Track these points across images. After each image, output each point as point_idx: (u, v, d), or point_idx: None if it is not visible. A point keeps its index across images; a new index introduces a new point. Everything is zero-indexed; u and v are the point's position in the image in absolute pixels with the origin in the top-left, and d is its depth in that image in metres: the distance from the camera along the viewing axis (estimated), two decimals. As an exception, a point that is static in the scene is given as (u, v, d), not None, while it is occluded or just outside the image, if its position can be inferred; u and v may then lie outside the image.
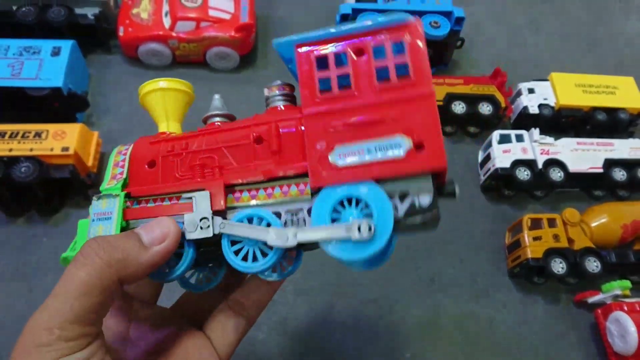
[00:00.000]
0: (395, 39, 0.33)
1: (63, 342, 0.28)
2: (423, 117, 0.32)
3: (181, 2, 0.89)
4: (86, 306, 0.29)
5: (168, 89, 0.40)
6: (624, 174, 0.83)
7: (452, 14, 0.89)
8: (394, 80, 0.32)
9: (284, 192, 0.34)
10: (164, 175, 0.37)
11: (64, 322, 0.28)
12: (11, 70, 0.78)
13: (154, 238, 0.32)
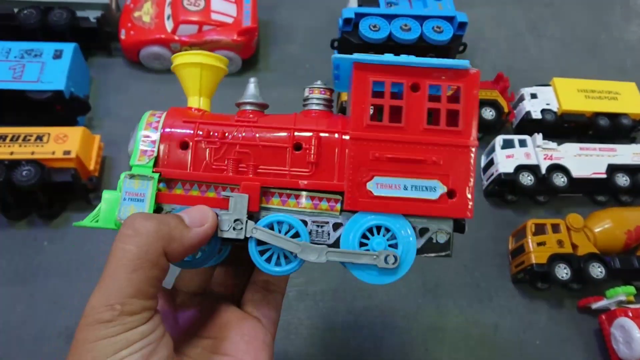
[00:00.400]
0: (453, 83, 0.34)
1: (127, 316, 0.29)
2: (460, 168, 0.34)
3: (183, 6, 0.89)
4: (143, 279, 0.29)
5: (206, 64, 0.39)
6: (627, 180, 0.82)
7: (454, 18, 0.88)
8: (443, 124, 0.34)
9: (315, 204, 0.35)
10: (196, 160, 0.36)
11: (125, 297, 0.29)
12: (12, 73, 0.78)
13: (195, 221, 0.33)
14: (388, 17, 0.88)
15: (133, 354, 0.29)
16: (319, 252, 0.34)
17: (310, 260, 0.34)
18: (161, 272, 0.31)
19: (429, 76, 0.34)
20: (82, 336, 0.29)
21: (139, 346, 0.29)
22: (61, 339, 0.67)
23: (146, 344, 0.29)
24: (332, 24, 1.00)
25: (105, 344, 0.28)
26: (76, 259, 0.73)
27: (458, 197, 0.34)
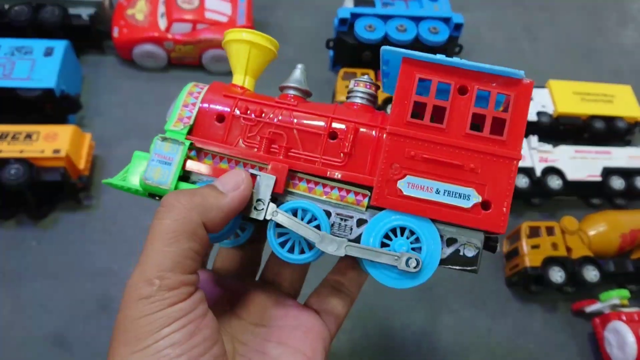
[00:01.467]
0: (504, 91, 0.33)
1: (165, 291, 0.28)
2: (500, 179, 0.33)
3: (177, 4, 0.88)
4: (180, 252, 0.29)
5: (257, 44, 0.38)
6: (622, 183, 0.82)
7: (450, 20, 0.88)
8: (486, 132, 0.33)
9: (341, 196, 0.34)
10: (230, 135, 0.36)
11: (162, 271, 0.29)
12: (2, 70, 0.76)
13: (229, 186, 0.33)
14: (384, 18, 0.87)
15: (176, 331, 0.28)
16: (339, 244, 0.33)
17: (329, 252, 0.33)
18: (200, 245, 0.31)
19: (479, 80, 0.33)
20: (124, 314, 0.29)
21: (181, 323, 0.28)
22: (47, 342, 0.66)
23: (188, 321, 0.29)
24: (327, 24, 0.99)
25: (147, 321, 0.28)
26: (65, 260, 0.72)
27: (493, 209, 0.33)
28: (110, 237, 0.74)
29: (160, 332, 0.28)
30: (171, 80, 0.91)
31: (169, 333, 0.28)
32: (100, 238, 0.74)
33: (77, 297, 0.69)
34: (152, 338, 0.28)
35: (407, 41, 0.86)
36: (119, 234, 0.75)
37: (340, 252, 0.33)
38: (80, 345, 0.66)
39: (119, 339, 0.28)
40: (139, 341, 0.28)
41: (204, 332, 0.29)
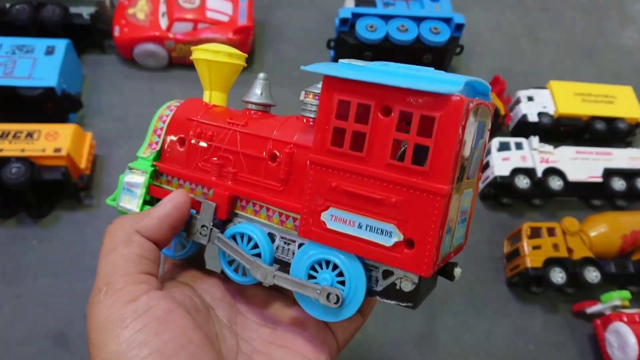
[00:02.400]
0: (427, 112, 0.27)
1: (113, 293, 0.30)
2: (423, 216, 0.28)
3: (178, 3, 0.88)
4: (118, 257, 0.32)
5: (213, 61, 0.38)
6: (623, 184, 0.82)
7: (452, 20, 0.88)
8: (408, 161, 0.28)
9: (282, 221, 0.34)
10: (189, 159, 0.37)
11: (107, 277, 0.31)
12: (3, 69, 0.76)
13: (165, 200, 0.35)
14: (385, 18, 0.87)
15: (138, 331, 0.28)
16: (268, 273, 0.33)
17: (258, 279, 0.34)
18: (139, 248, 0.32)
19: (403, 100, 0.28)
20: (87, 328, 0.30)
21: (141, 322, 0.29)
22: (48, 340, 0.66)
23: (148, 319, 0.29)
24: (327, 24, 0.99)
25: (105, 326, 0.29)
26: (65, 259, 0.72)
27: (416, 249, 0.29)
28: (110, 236, 0.74)
29: (121, 334, 0.28)
30: (172, 80, 0.91)
31: (131, 335, 0.28)
32: (100, 237, 0.74)
33: (77, 296, 0.69)
34: (116, 341, 0.28)
35: (408, 41, 0.86)
36: (119, 233, 0.75)
37: (268, 281, 0.33)
38: (80, 343, 0.66)
39: (90, 344, 0.29)
40: (105, 346, 0.28)
41: (171, 329, 0.29)
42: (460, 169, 0.29)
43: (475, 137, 0.31)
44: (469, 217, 0.34)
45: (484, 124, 0.32)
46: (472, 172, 0.32)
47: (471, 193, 0.33)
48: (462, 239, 0.34)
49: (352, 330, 0.39)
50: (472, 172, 0.32)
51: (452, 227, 0.31)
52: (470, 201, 0.34)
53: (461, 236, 0.34)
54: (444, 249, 0.30)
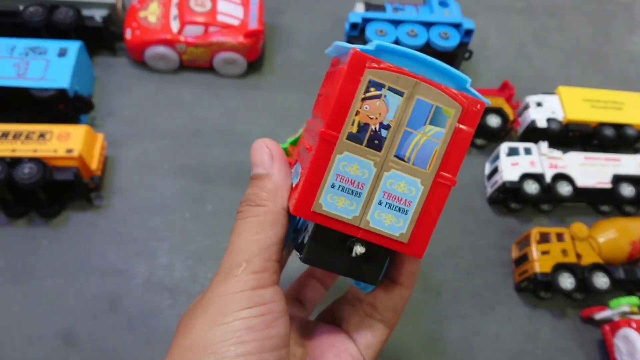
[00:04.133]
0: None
1: (249, 273, 0.31)
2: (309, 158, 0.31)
3: (190, 7, 0.88)
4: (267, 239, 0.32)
5: None
6: (632, 190, 0.82)
7: (461, 25, 0.88)
8: None
9: None
10: None
11: (251, 255, 0.31)
12: (17, 70, 0.77)
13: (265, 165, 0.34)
14: (394, 23, 0.88)
15: (253, 317, 0.29)
16: None
17: None
18: (282, 230, 0.33)
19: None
20: (212, 290, 0.31)
21: (259, 310, 0.30)
22: (57, 340, 0.66)
23: (267, 310, 0.30)
24: (337, 29, 1.00)
25: (231, 299, 0.30)
26: (75, 259, 0.73)
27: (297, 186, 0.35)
28: (120, 237, 0.75)
29: (239, 312, 0.29)
30: (182, 83, 0.92)
31: (247, 316, 0.29)
32: (110, 238, 0.75)
33: (86, 296, 0.70)
34: (232, 316, 0.29)
35: (417, 46, 0.86)
36: (128, 235, 0.75)
37: None
38: (88, 343, 0.66)
39: (201, 312, 0.30)
40: (220, 316, 0.29)
41: (279, 328, 0.30)
42: (371, 136, 0.30)
43: (407, 114, 0.30)
44: (417, 212, 0.31)
45: (437, 110, 0.30)
46: (414, 158, 0.30)
47: (415, 182, 0.31)
48: (399, 231, 0.31)
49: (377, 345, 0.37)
50: (414, 158, 0.30)
51: (364, 196, 0.30)
52: (415, 191, 0.31)
53: (397, 227, 0.31)
54: (336, 207, 0.30)
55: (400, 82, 0.29)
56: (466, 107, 0.30)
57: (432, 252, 0.78)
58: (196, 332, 0.29)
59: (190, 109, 0.88)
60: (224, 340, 0.28)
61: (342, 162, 0.30)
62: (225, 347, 0.28)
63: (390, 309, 0.36)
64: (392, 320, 0.37)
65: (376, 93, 0.29)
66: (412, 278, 0.36)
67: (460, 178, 0.86)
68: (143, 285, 0.71)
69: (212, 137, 0.85)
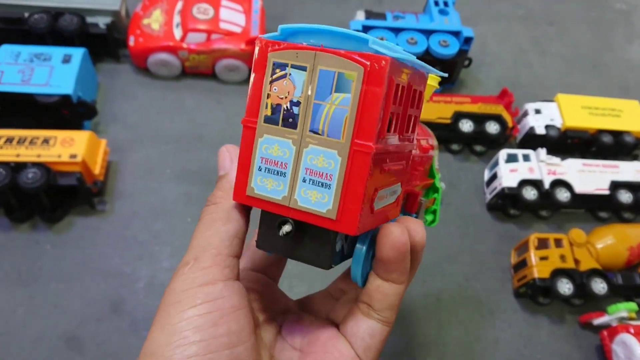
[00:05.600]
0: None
1: (196, 270, 0.30)
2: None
3: (192, 14, 0.90)
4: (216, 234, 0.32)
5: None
6: (630, 196, 0.83)
7: (460, 33, 0.89)
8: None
9: None
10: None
11: (199, 252, 0.31)
12: (21, 76, 0.78)
13: (225, 167, 0.36)
14: (395, 31, 0.89)
15: (199, 315, 0.28)
16: None
17: None
18: (236, 226, 0.32)
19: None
20: (167, 288, 0.31)
21: (206, 308, 0.29)
22: (61, 342, 0.67)
23: (214, 307, 0.29)
24: (338, 36, 1.01)
25: (178, 298, 0.29)
26: (78, 263, 0.73)
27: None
28: (122, 241, 0.76)
29: (184, 312, 0.28)
30: (184, 89, 0.93)
31: (193, 316, 0.28)
32: (113, 242, 0.75)
33: (89, 299, 0.70)
34: (177, 317, 0.28)
35: (417, 53, 0.87)
36: (131, 239, 0.76)
37: None
38: (92, 346, 0.67)
39: (156, 315, 0.30)
40: (167, 318, 0.29)
41: (229, 325, 0.29)
42: (285, 116, 0.29)
43: (314, 86, 0.29)
44: (340, 186, 0.29)
45: (340, 76, 0.28)
46: (327, 130, 0.29)
47: (332, 154, 0.29)
48: (326, 208, 0.29)
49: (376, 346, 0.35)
50: (327, 130, 0.29)
51: (288, 175, 0.30)
52: (334, 163, 0.29)
53: (323, 203, 0.29)
54: (266, 189, 0.30)
55: (300, 57, 0.29)
56: (369, 67, 0.27)
57: (432, 258, 0.79)
58: (150, 337, 0.29)
59: (193, 115, 0.89)
60: (170, 344, 0.28)
61: (264, 144, 0.30)
62: (171, 350, 0.28)
63: (386, 307, 0.34)
64: (389, 319, 0.35)
65: (281, 73, 0.29)
66: (398, 271, 0.32)
67: (459, 184, 0.88)
68: (146, 289, 0.72)
69: (214, 143, 0.86)
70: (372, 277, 0.34)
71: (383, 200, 0.31)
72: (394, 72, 0.27)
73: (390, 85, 0.27)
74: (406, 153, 0.33)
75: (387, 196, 0.31)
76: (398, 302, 0.35)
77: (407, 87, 0.30)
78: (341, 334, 0.35)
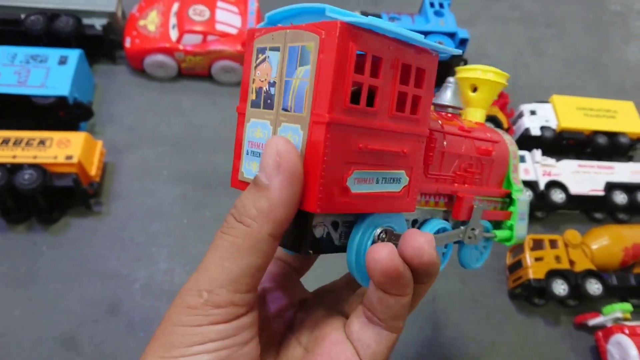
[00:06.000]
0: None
1: (211, 307, 0.27)
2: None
3: (189, 16, 0.90)
4: (237, 268, 0.27)
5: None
6: (624, 197, 0.83)
7: (456, 35, 0.90)
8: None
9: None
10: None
11: (215, 285, 0.27)
12: (17, 78, 0.78)
13: (268, 173, 0.27)
14: (391, 32, 0.89)
15: (206, 353, 0.26)
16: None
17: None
18: (262, 258, 0.27)
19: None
20: (167, 316, 0.28)
21: (214, 346, 0.27)
22: (57, 344, 0.67)
23: (223, 346, 0.27)
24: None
25: (184, 332, 0.27)
26: (74, 264, 0.73)
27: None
28: (119, 242, 0.76)
29: (191, 348, 0.26)
30: (180, 90, 0.93)
31: (199, 352, 0.26)
32: (109, 243, 0.75)
33: (86, 301, 0.70)
34: (180, 351, 0.26)
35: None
36: (128, 240, 0.76)
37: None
38: (89, 347, 0.67)
39: (155, 339, 0.28)
40: (170, 349, 0.27)
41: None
42: (265, 97, 0.29)
43: (285, 65, 0.28)
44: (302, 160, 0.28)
45: (303, 49, 0.28)
46: (294, 106, 0.28)
47: (296, 129, 0.28)
48: None
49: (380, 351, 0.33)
50: (294, 106, 0.28)
51: None
52: (298, 138, 0.28)
53: None
54: (252, 172, 0.31)
55: (275, 38, 0.29)
56: (324, 35, 0.26)
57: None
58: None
59: (189, 116, 0.90)
60: None
61: (250, 128, 0.30)
62: None
63: (390, 317, 0.32)
64: (396, 326, 0.32)
65: (262, 57, 0.29)
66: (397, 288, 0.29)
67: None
68: (142, 290, 0.72)
69: (211, 144, 0.86)
70: (373, 286, 0.30)
71: (371, 185, 0.29)
72: (353, 38, 0.26)
73: (344, 51, 0.26)
74: (412, 137, 0.30)
75: (380, 181, 0.29)
76: (404, 311, 0.32)
77: (392, 60, 0.28)
78: (348, 339, 0.33)
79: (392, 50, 0.28)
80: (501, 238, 0.43)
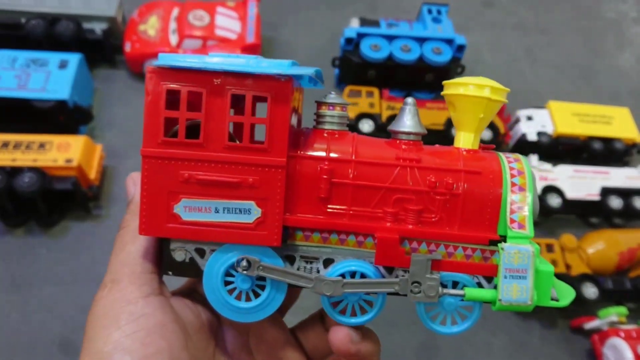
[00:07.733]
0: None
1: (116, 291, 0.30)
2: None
3: (188, 21, 0.90)
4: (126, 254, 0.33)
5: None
6: (620, 202, 0.84)
7: (453, 41, 0.91)
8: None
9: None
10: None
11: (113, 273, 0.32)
12: (18, 82, 0.78)
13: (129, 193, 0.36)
14: (389, 38, 0.90)
15: (126, 336, 0.28)
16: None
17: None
18: (145, 242, 0.32)
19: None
20: (91, 310, 0.31)
21: (131, 328, 0.28)
22: (54, 346, 0.67)
23: (139, 327, 0.29)
24: (332, 43, 1.02)
25: (100, 323, 0.29)
26: (73, 268, 0.74)
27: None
28: (118, 246, 0.76)
29: (112, 335, 0.28)
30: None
31: (119, 338, 0.28)
32: (108, 247, 0.75)
33: (83, 304, 0.70)
34: (105, 341, 0.28)
35: (411, 61, 0.88)
36: (126, 243, 0.76)
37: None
38: (86, 352, 0.67)
39: (85, 336, 0.30)
40: (95, 342, 0.28)
41: (157, 343, 0.29)
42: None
43: None
44: None
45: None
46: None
47: None
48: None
49: None
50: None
51: None
52: None
53: None
54: None
55: None
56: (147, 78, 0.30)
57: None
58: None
59: (188, 121, 0.90)
60: None
61: None
62: None
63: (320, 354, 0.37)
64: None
65: None
66: None
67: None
68: (140, 294, 0.72)
69: (209, 148, 0.87)
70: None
71: (208, 214, 0.30)
72: (163, 78, 0.29)
73: (155, 90, 0.29)
74: (260, 167, 0.30)
75: (222, 210, 0.30)
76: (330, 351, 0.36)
77: (217, 93, 0.29)
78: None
79: (218, 84, 0.29)
80: (476, 298, 0.32)
